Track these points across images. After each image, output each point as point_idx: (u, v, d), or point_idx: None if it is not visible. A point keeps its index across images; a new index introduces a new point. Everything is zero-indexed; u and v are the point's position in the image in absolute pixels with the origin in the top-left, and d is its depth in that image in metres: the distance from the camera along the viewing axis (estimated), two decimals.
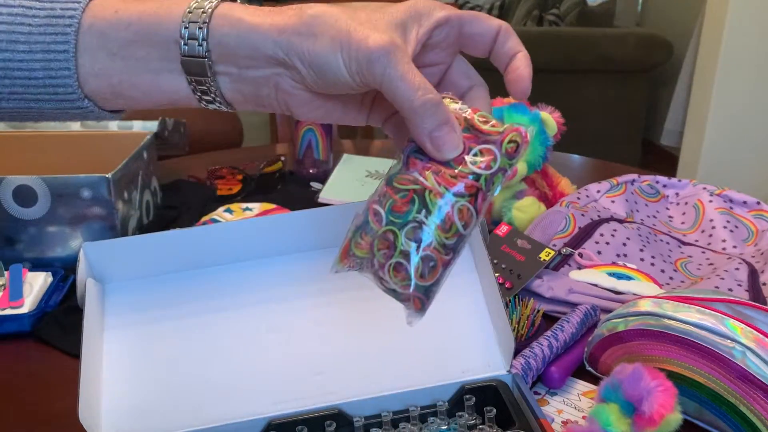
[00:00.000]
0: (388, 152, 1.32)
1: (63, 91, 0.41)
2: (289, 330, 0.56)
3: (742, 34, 2.41)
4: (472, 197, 0.38)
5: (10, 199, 0.78)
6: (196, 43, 0.39)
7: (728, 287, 0.74)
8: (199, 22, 0.39)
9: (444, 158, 0.39)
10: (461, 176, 0.38)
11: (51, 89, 0.41)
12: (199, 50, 0.40)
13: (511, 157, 0.39)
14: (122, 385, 0.53)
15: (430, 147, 0.38)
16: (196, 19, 0.39)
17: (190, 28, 0.39)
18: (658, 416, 0.48)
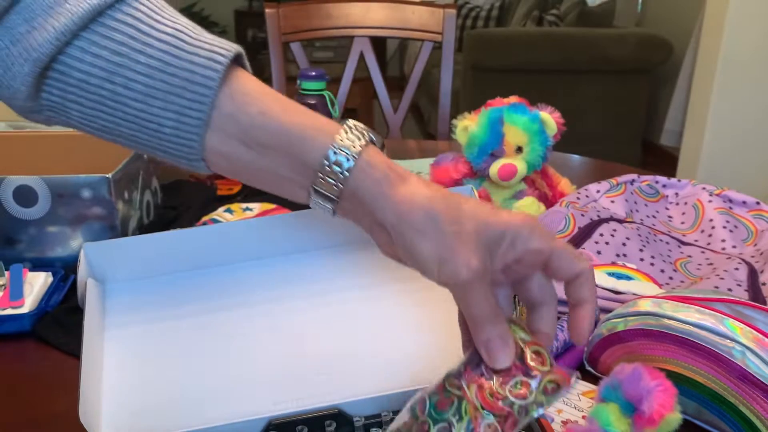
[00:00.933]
0: (388, 152, 1.32)
1: (185, 150, 0.43)
2: (289, 330, 0.56)
3: (741, 34, 2.41)
4: (501, 418, 0.42)
5: (11, 199, 0.79)
6: (332, 185, 0.41)
7: (728, 287, 0.74)
8: (341, 170, 0.41)
9: (494, 367, 0.42)
10: (498, 397, 0.42)
11: (174, 145, 0.43)
12: (332, 191, 0.42)
13: (548, 394, 0.43)
14: (122, 385, 0.53)
15: (484, 353, 0.43)
16: (340, 165, 0.41)
17: (331, 170, 0.41)
18: (657, 416, 0.48)
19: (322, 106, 1.12)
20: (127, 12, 0.42)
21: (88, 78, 0.41)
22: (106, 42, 0.41)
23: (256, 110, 0.41)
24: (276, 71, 1.55)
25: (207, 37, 0.43)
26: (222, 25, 5.43)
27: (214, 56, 0.41)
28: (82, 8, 0.40)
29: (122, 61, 0.41)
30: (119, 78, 0.41)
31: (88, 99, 0.42)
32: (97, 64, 0.41)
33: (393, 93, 1.57)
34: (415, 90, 1.61)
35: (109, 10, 0.41)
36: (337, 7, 1.54)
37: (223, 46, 0.42)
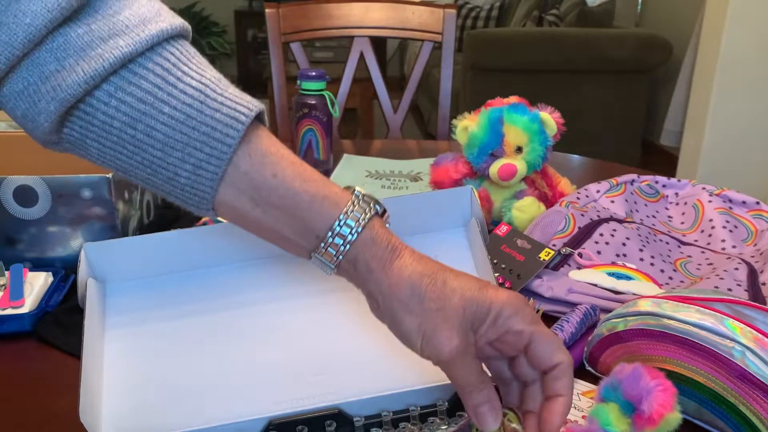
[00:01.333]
0: (388, 152, 1.32)
1: (197, 200, 0.44)
2: (289, 330, 0.56)
3: (741, 34, 2.41)
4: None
5: (11, 199, 0.79)
6: (333, 255, 0.43)
7: (728, 287, 0.74)
8: (343, 243, 0.43)
9: (484, 430, 0.44)
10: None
11: (187, 194, 0.44)
12: (332, 260, 0.44)
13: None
14: (123, 385, 0.53)
15: (474, 418, 0.44)
16: (343, 238, 0.43)
17: (333, 242, 0.43)
18: (657, 415, 0.49)
19: (322, 106, 1.13)
20: (157, 61, 0.42)
21: (112, 121, 0.42)
22: (132, 89, 0.41)
23: (270, 172, 0.43)
24: (276, 71, 1.55)
25: (231, 93, 0.43)
26: (222, 25, 5.43)
27: (237, 114, 0.42)
28: (114, 55, 0.41)
29: (146, 110, 0.41)
30: (141, 125, 0.42)
31: (109, 140, 0.43)
32: (122, 110, 0.41)
33: (393, 93, 1.57)
34: (415, 90, 1.61)
35: (139, 58, 0.42)
36: (337, 7, 1.54)
37: (246, 105, 0.43)
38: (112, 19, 0.42)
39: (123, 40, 0.41)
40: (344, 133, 2.19)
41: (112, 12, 0.42)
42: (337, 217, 0.43)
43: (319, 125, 1.13)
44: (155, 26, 0.42)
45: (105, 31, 0.41)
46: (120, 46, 0.41)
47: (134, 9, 0.43)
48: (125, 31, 0.41)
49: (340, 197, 0.43)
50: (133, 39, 0.41)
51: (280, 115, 1.58)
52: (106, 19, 0.42)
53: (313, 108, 1.12)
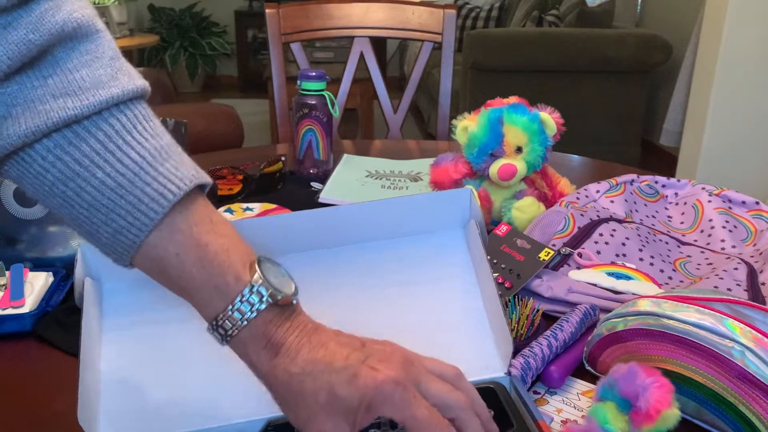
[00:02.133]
0: (388, 152, 1.32)
1: (115, 258, 0.46)
2: None
3: (741, 34, 2.41)
4: None
5: (11, 199, 0.79)
6: (218, 339, 0.45)
7: (727, 287, 0.74)
8: (224, 334, 0.44)
9: None
10: None
11: (107, 251, 0.46)
12: (218, 340, 0.45)
13: None
14: (121, 386, 0.53)
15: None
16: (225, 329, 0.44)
17: (217, 328, 0.44)
18: (654, 411, 0.49)
19: (322, 106, 1.13)
20: (101, 126, 0.43)
21: (46, 174, 0.43)
22: (71, 149, 0.43)
23: (174, 251, 0.44)
24: (276, 71, 1.55)
25: (168, 166, 0.44)
26: (222, 25, 5.43)
27: (165, 192, 0.43)
28: (59, 115, 0.42)
29: (80, 171, 0.43)
30: (72, 184, 0.43)
31: (41, 189, 0.44)
32: (57, 166, 0.43)
33: (393, 93, 1.57)
34: (415, 90, 1.61)
35: (85, 121, 0.43)
36: (338, 7, 1.54)
37: (178, 182, 0.44)
38: (68, 77, 0.43)
39: (72, 101, 0.42)
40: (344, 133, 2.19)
41: (71, 67, 0.43)
42: (220, 312, 0.44)
43: (319, 125, 1.13)
44: (107, 92, 0.43)
45: (58, 89, 0.43)
46: (67, 107, 0.42)
47: (92, 69, 0.44)
48: (76, 93, 0.43)
49: (231, 291, 0.44)
50: (82, 102, 0.42)
51: (280, 115, 1.58)
52: (63, 75, 0.43)
53: (313, 108, 1.12)
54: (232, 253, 0.44)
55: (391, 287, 0.59)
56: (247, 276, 0.44)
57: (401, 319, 0.58)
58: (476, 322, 0.58)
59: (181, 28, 5.26)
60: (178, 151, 0.46)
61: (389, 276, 0.59)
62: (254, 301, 0.43)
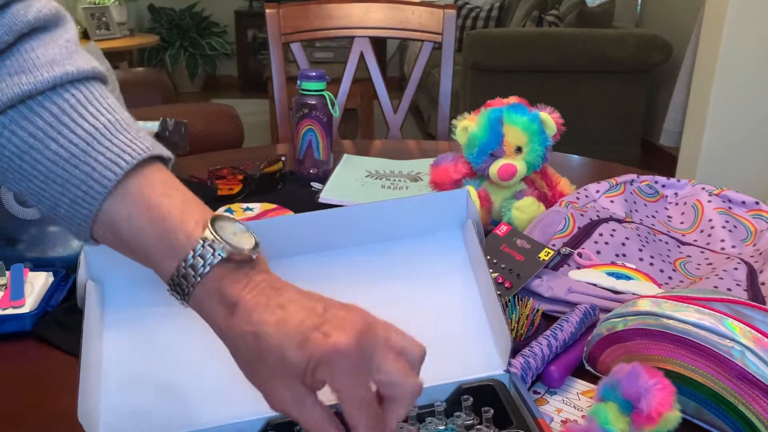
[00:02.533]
0: (388, 152, 1.32)
1: (75, 231, 0.46)
2: None
3: (741, 34, 2.41)
4: None
5: (11, 199, 0.79)
6: (177, 296, 0.44)
7: (727, 287, 0.74)
8: (182, 291, 0.44)
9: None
10: None
11: (67, 224, 0.46)
12: (178, 299, 0.45)
13: None
14: (121, 386, 0.53)
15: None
16: (180, 287, 0.44)
17: (175, 285, 0.44)
18: (656, 414, 0.49)
19: (322, 106, 1.13)
20: (55, 101, 0.45)
21: (2, 149, 0.45)
22: (25, 123, 0.44)
23: (125, 214, 0.44)
24: (276, 72, 1.55)
25: (124, 138, 0.45)
26: (222, 25, 5.43)
27: (119, 160, 0.44)
28: (13, 91, 0.44)
29: (35, 144, 0.44)
30: (28, 157, 0.44)
31: (1, 165, 0.45)
32: (13, 141, 0.44)
33: (393, 93, 1.57)
34: (415, 90, 1.61)
35: (39, 96, 0.44)
36: (338, 7, 1.54)
37: (131, 151, 0.45)
38: (24, 56, 0.45)
39: (26, 77, 0.44)
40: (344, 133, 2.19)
41: (28, 48, 0.45)
42: (173, 270, 0.44)
43: (319, 125, 1.13)
44: (60, 68, 0.45)
45: (14, 67, 0.44)
46: (21, 83, 0.44)
47: (47, 49, 0.46)
48: (31, 70, 0.44)
49: (182, 247, 0.43)
50: (36, 78, 0.44)
51: (280, 115, 1.58)
52: (19, 55, 0.45)
53: (313, 108, 1.12)
54: (183, 213, 0.44)
55: (389, 288, 0.59)
56: (199, 232, 0.44)
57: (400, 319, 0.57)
58: (475, 320, 0.58)
59: (181, 28, 5.26)
60: (137, 127, 0.47)
61: (388, 277, 0.59)
62: (207, 256, 0.43)
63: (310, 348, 0.41)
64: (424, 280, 0.59)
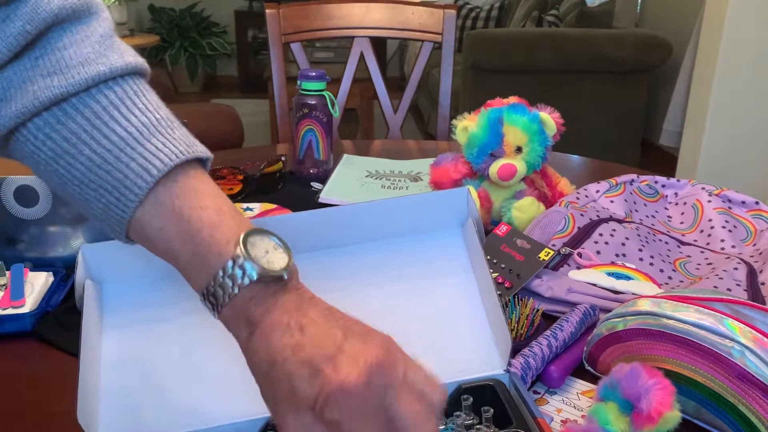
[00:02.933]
0: (388, 152, 1.32)
1: (111, 233, 0.46)
2: None
3: (741, 34, 2.41)
4: None
5: (12, 199, 0.79)
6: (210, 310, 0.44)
7: (727, 287, 0.74)
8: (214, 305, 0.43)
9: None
10: None
11: (103, 226, 0.46)
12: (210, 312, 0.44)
13: None
14: (120, 386, 0.53)
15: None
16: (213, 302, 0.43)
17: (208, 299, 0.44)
18: (656, 414, 0.49)
19: (322, 106, 1.13)
20: (88, 104, 0.44)
21: (39, 152, 0.44)
22: (59, 128, 0.44)
23: (157, 226, 0.44)
24: (276, 72, 1.55)
25: (156, 142, 0.44)
26: (222, 25, 5.43)
27: (150, 167, 0.43)
28: (45, 94, 0.43)
29: (68, 148, 0.44)
30: (63, 161, 0.44)
31: (38, 168, 0.46)
32: (47, 144, 0.44)
33: (393, 93, 1.57)
34: (415, 90, 1.61)
35: (73, 98, 0.44)
36: (338, 7, 1.54)
37: (163, 157, 0.43)
38: (56, 55, 0.44)
39: (58, 79, 0.43)
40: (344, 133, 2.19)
41: (60, 47, 0.44)
42: (203, 288, 0.43)
43: (319, 125, 1.13)
44: (93, 69, 0.44)
45: (47, 68, 0.44)
46: (53, 86, 0.43)
47: (80, 48, 0.45)
48: (63, 71, 0.44)
49: (213, 267, 0.43)
50: (68, 80, 0.43)
51: (280, 115, 1.58)
52: (52, 54, 0.44)
53: (313, 108, 1.12)
54: (215, 229, 0.43)
55: (389, 287, 0.59)
56: (230, 252, 0.42)
57: (400, 318, 0.58)
58: (475, 319, 0.58)
59: (181, 28, 5.26)
60: (173, 125, 0.46)
61: (388, 276, 0.59)
62: (237, 277, 0.42)
63: (320, 383, 0.40)
64: (424, 279, 0.59)
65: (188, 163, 0.45)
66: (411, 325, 0.57)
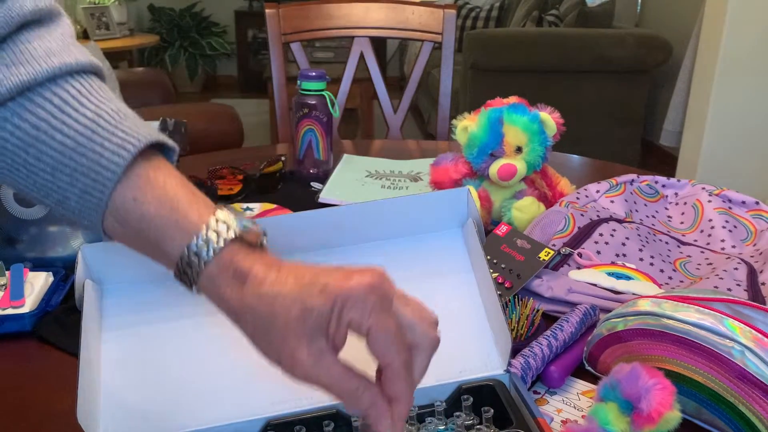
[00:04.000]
0: (388, 152, 1.32)
1: (88, 222, 0.45)
2: None
3: (741, 34, 2.41)
4: None
5: (11, 199, 0.79)
6: (187, 278, 0.43)
7: (727, 287, 0.74)
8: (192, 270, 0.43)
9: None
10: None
11: (78, 217, 0.45)
12: (187, 282, 0.44)
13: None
14: (120, 387, 0.53)
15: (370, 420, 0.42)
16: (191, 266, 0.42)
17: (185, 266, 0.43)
18: (656, 414, 0.49)
19: (322, 106, 1.13)
20: (56, 91, 0.44)
21: (5, 143, 0.44)
22: (28, 116, 0.43)
23: (131, 195, 0.43)
24: (276, 71, 1.55)
25: (126, 126, 0.44)
26: (222, 25, 5.43)
27: (125, 144, 0.43)
28: (12, 82, 0.43)
29: (38, 135, 0.43)
30: (33, 150, 0.43)
31: (4, 161, 0.45)
32: (16, 134, 0.44)
33: (393, 93, 1.57)
34: (415, 90, 1.61)
35: (39, 87, 0.44)
36: (338, 7, 1.54)
37: (136, 137, 0.44)
38: (21, 47, 0.45)
39: (25, 68, 0.44)
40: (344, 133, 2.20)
41: (23, 40, 0.45)
42: (185, 245, 0.42)
43: (319, 125, 1.13)
44: (59, 59, 0.45)
45: (11, 59, 0.44)
46: (20, 74, 0.43)
47: (44, 41, 0.45)
48: (29, 61, 0.44)
49: (195, 222, 0.43)
50: (35, 68, 0.44)
51: (280, 115, 1.58)
52: (16, 47, 0.45)
53: (313, 108, 1.12)
54: (193, 194, 0.44)
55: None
56: (211, 212, 0.43)
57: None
58: (475, 319, 0.58)
59: (181, 28, 5.26)
60: (138, 117, 0.46)
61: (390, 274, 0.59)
62: (221, 231, 0.42)
63: (333, 290, 0.40)
64: (424, 279, 0.59)
65: (157, 148, 0.45)
66: None
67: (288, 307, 0.40)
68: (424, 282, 0.59)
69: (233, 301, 0.42)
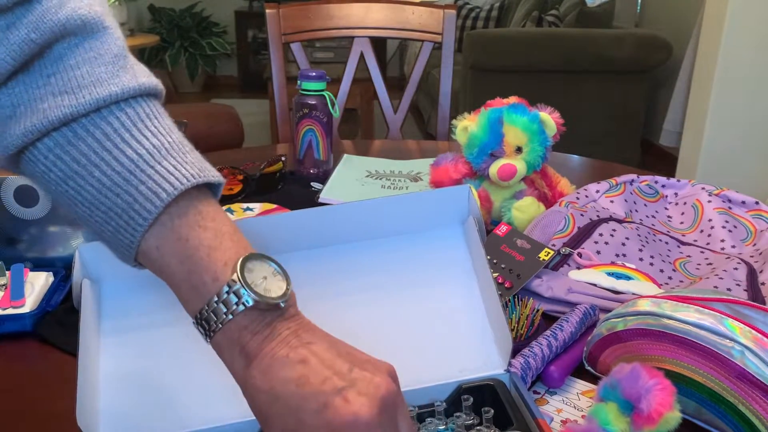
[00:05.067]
0: (388, 152, 1.32)
1: (121, 256, 0.45)
2: None
3: (740, 34, 2.41)
4: None
5: (12, 199, 0.79)
6: (202, 334, 0.43)
7: (727, 287, 0.74)
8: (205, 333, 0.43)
9: None
10: None
11: (113, 249, 0.45)
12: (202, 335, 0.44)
13: None
14: (120, 386, 0.53)
15: None
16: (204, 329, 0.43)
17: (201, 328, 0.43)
18: (656, 414, 0.49)
19: (322, 106, 1.13)
20: (99, 125, 0.43)
21: (48, 173, 0.43)
22: (69, 148, 0.43)
23: (155, 244, 0.43)
24: (276, 72, 1.55)
25: (167, 165, 0.43)
26: (222, 25, 5.43)
27: (159, 191, 0.42)
28: (55, 114, 0.42)
29: (78, 170, 0.43)
30: (72, 183, 0.43)
31: (48, 187, 0.45)
32: (57, 165, 0.43)
33: (393, 93, 1.57)
34: (415, 90, 1.61)
35: (83, 119, 0.43)
36: (338, 7, 1.54)
37: (173, 181, 0.43)
38: (68, 74, 0.43)
39: (69, 99, 0.42)
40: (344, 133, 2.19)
41: (72, 64, 0.43)
42: (197, 312, 0.43)
43: (319, 125, 1.13)
44: (105, 89, 0.43)
45: (58, 87, 0.43)
46: (64, 105, 0.42)
47: (93, 67, 0.44)
48: (74, 90, 0.42)
49: (208, 289, 0.42)
50: (78, 100, 0.42)
51: (280, 115, 1.58)
52: (64, 73, 0.43)
53: (313, 108, 1.12)
54: (213, 250, 0.42)
55: (389, 284, 0.59)
56: (226, 276, 0.42)
57: (400, 317, 0.58)
58: (475, 318, 0.58)
59: (181, 28, 5.26)
60: (185, 149, 0.45)
61: (388, 273, 0.59)
62: (231, 303, 0.41)
63: (330, 415, 0.39)
64: (425, 277, 0.59)
65: (197, 187, 0.44)
66: (411, 324, 0.57)
67: (284, 415, 0.40)
68: (424, 280, 0.60)
69: (238, 376, 0.43)
